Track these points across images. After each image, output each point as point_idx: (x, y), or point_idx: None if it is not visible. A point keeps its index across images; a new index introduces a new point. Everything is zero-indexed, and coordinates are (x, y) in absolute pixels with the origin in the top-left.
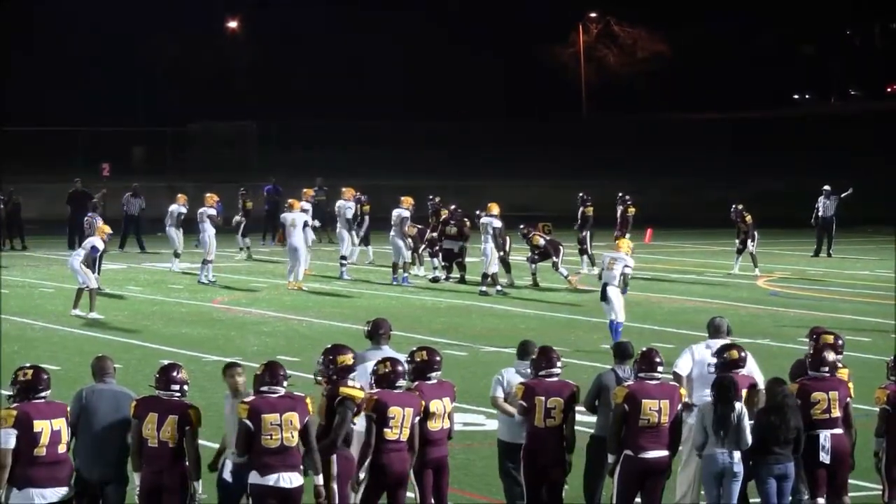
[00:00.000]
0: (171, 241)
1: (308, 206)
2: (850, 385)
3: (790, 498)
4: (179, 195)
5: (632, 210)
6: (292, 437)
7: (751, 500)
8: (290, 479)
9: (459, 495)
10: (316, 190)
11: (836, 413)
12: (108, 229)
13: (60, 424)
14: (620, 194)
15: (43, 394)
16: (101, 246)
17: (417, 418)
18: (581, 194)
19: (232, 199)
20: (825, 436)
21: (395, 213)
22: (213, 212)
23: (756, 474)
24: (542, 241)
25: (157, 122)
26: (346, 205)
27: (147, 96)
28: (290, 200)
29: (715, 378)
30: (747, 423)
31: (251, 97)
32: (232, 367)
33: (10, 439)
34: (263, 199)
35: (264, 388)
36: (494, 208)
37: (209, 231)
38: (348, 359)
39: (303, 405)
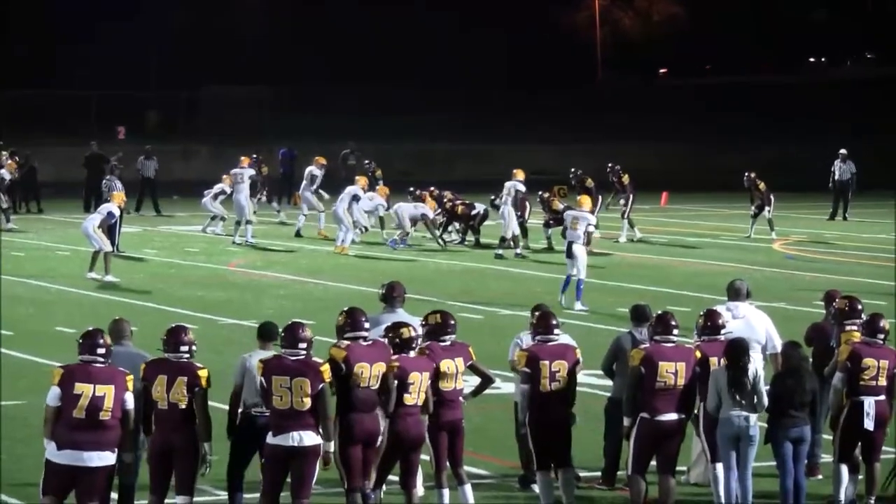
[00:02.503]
0: (310, 204)
1: (318, 173)
2: None
3: (806, 461)
4: (317, 158)
5: (626, 177)
6: (302, 401)
7: (767, 464)
8: (299, 438)
9: (475, 458)
10: (346, 153)
11: (883, 381)
12: (124, 196)
13: (106, 391)
14: (610, 165)
15: (97, 356)
16: (117, 212)
17: (429, 381)
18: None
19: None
20: (870, 402)
21: (418, 207)
22: (252, 172)
23: (772, 437)
24: (560, 206)
25: (171, 86)
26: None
27: (160, 60)
28: (357, 177)
29: (727, 340)
30: (763, 386)
31: (264, 62)
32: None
33: (54, 396)
34: (278, 162)
35: (284, 350)
36: (520, 174)
37: (245, 192)
38: (340, 319)
39: (316, 372)
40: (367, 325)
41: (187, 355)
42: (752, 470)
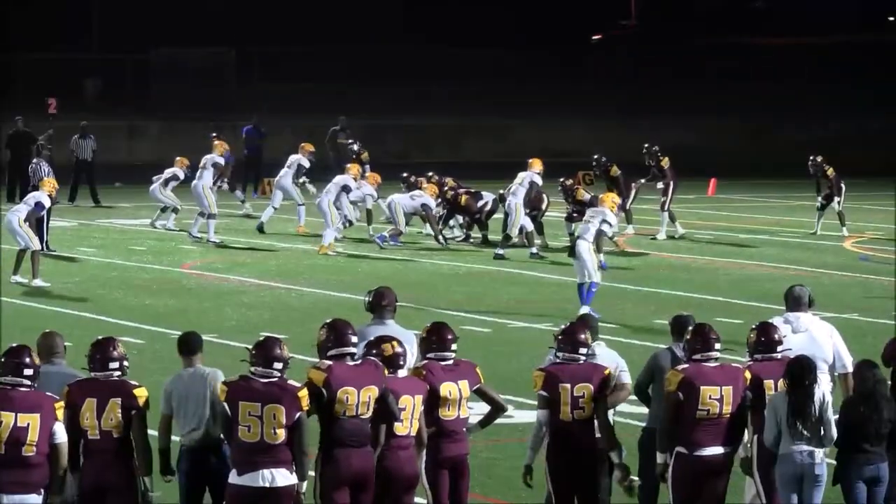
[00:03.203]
0: (288, 195)
1: (307, 164)
2: None
3: None
4: (304, 144)
5: (665, 161)
6: (275, 433)
7: None
8: (271, 477)
9: (483, 502)
10: (335, 131)
11: None
12: (55, 183)
13: (31, 420)
14: (647, 146)
15: (23, 378)
16: (47, 203)
17: (422, 406)
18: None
19: (202, 143)
20: None
21: (416, 198)
22: (220, 160)
23: (842, 477)
24: (587, 196)
25: (115, 49)
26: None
27: (103, 18)
28: (348, 165)
29: (787, 359)
30: (831, 414)
31: (228, 19)
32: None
33: None
34: (242, 142)
35: (254, 370)
36: (537, 164)
37: (206, 181)
38: (321, 334)
39: (292, 398)
40: (354, 339)
41: (118, 372)
42: None
